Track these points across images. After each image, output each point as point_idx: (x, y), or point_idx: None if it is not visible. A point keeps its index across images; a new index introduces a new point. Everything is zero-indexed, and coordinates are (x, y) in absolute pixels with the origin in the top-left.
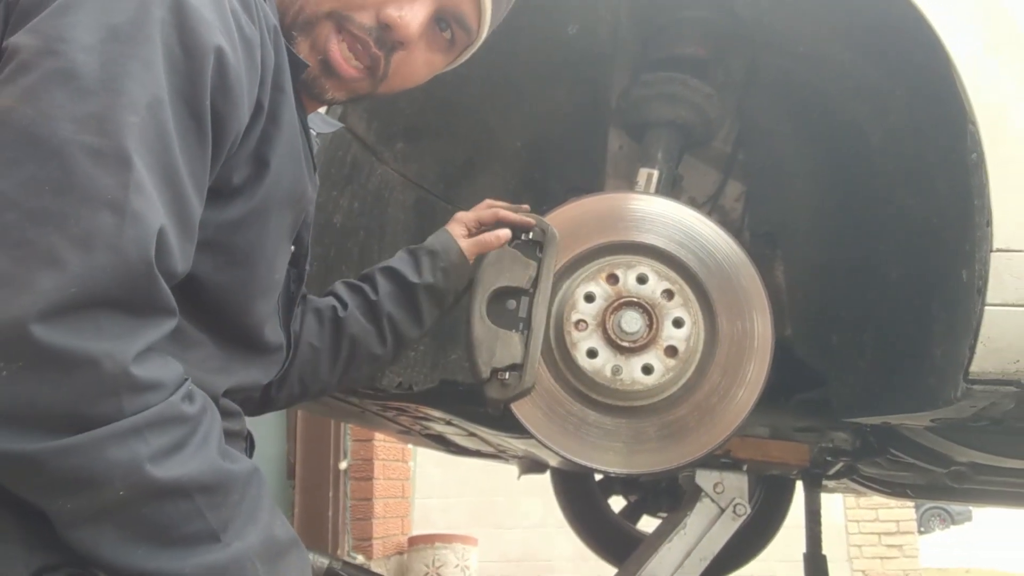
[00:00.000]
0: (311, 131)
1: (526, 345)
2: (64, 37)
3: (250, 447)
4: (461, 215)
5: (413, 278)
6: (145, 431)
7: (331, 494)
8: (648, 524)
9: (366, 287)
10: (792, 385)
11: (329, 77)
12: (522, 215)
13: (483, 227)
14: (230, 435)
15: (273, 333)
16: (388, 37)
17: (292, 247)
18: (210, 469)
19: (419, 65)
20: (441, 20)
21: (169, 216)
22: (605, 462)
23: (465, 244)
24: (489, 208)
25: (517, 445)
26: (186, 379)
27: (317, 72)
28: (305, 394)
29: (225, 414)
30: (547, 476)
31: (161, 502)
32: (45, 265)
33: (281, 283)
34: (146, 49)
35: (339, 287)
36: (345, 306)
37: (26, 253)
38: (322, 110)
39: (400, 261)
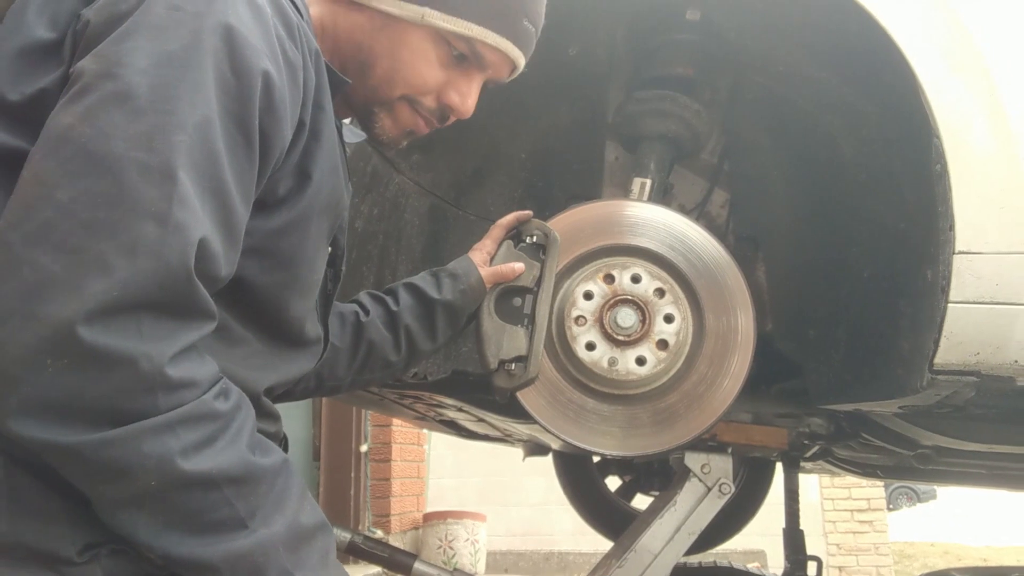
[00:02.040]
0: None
1: (530, 339)
2: (122, 62)
3: (284, 448)
4: (481, 244)
5: (433, 294)
6: (177, 427)
7: (353, 475)
8: (642, 502)
9: (388, 299)
10: (772, 375)
11: (407, 137)
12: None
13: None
14: (267, 436)
15: (313, 328)
16: (448, 115)
17: (329, 249)
18: (239, 462)
19: None
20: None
21: (214, 225)
22: (602, 445)
23: (485, 272)
24: (495, 227)
25: (522, 430)
26: (221, 377)
27: (396, 134)
28: (319, 389)
29: (264, 415)
30: (549, 458)
31: (191, 492)
32: (94, 270)
33: (320, 282)
34: (197, 73)
35: (363, 296)
36: (367, 313)
37: (78, 259)
38: (346, 120)
39: (423, 280)
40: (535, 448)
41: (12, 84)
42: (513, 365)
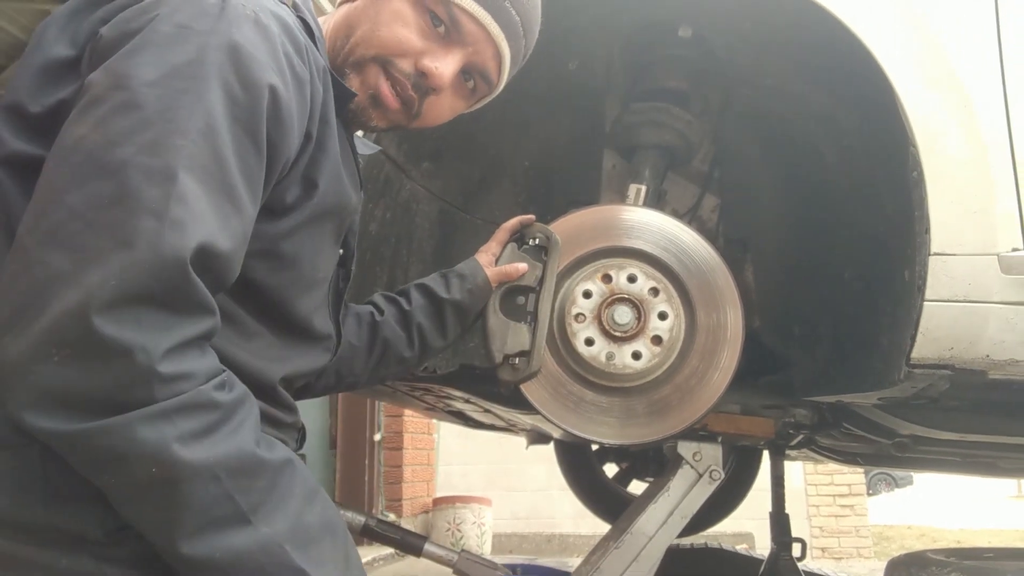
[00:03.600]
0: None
1: (533, 335)
2: (131, 75)
3: (301, 438)
4: (487, 247)
5: (443, 294)
6: (173, 415)
7: (367, 462)
8: (637, 487)
9: (401, 300)
10: (760, 369)
11: (376, 108)
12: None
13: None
14: (284, 426)
15: (322, 324)
16: (424, 83)
17: (341, 250)
18: (239, 453)
19: (445, 108)
20: (466, 72)
21: (221, 223)
22: (600, 434)
23: (490, 272)
24: (500, 230)
25: (525, 420)
26: (222, 371)
27: (366, 104)
28: (339, 385)
29: (281, 405)
30: (551, 446)
31: (192, 483)
32: (94, 264)
33: (326, 280)
34: (201, 85)
35: (378, 297)
36: (382, 312)
37: (82, 256)
38: (359, 133)
39: (433, 280)
40: (538, 437)
41: (34, 97)
42: (517, 359)
